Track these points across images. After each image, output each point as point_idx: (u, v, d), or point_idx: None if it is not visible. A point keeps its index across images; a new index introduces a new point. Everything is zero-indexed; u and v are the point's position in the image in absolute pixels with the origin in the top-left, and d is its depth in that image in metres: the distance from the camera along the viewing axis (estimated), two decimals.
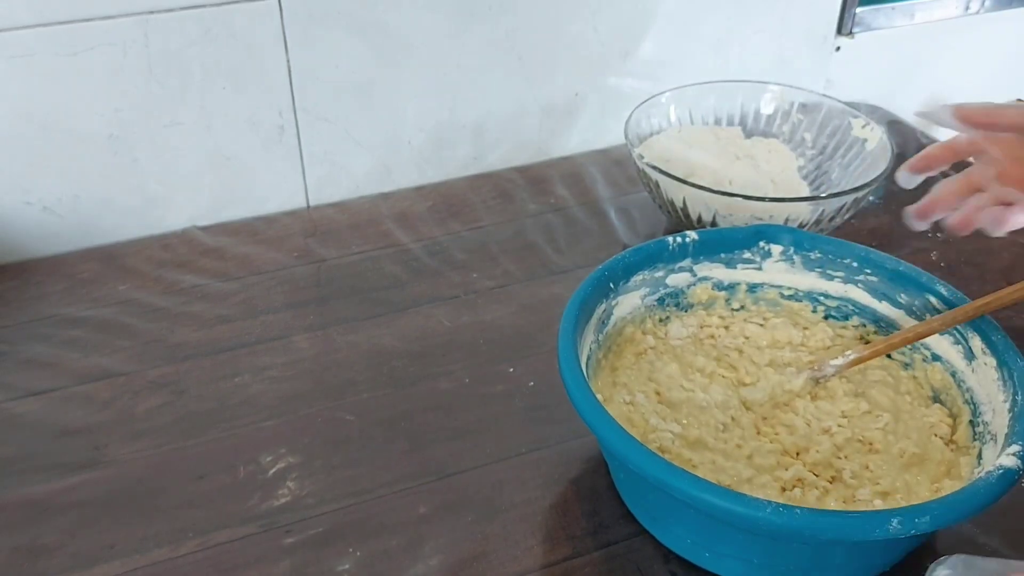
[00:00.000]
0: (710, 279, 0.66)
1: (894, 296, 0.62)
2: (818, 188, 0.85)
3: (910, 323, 0.61)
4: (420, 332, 0.73)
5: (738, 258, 0.66)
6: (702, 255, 0.65)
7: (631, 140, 0.79)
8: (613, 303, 0.62)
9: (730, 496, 0.45)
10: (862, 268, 0.63)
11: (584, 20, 0.92)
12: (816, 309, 0.66)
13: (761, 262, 0.66)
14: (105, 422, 0.64)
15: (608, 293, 0.62)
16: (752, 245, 0.65)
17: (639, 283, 0.64)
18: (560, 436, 0.63)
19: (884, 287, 0.63)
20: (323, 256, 0.82)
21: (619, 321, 0.63)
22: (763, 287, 0.66)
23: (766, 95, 0.89)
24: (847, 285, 0.64)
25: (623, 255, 0.63)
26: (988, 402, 0.55)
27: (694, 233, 0.65)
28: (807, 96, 0.88)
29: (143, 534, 0.56)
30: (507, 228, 0.86)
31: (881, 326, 0.64)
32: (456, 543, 0.56)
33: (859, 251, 0.63)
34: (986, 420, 0.54)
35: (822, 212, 0.73)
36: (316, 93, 0.84)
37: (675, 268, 0.65)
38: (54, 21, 0.73)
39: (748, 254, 0.66)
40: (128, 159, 0.81)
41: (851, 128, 0.84)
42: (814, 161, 0.87)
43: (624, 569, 0.54)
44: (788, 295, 0.66)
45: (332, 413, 0.65)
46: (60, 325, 0.73)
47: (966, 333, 0.58)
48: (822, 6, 1.04)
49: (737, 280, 0.66)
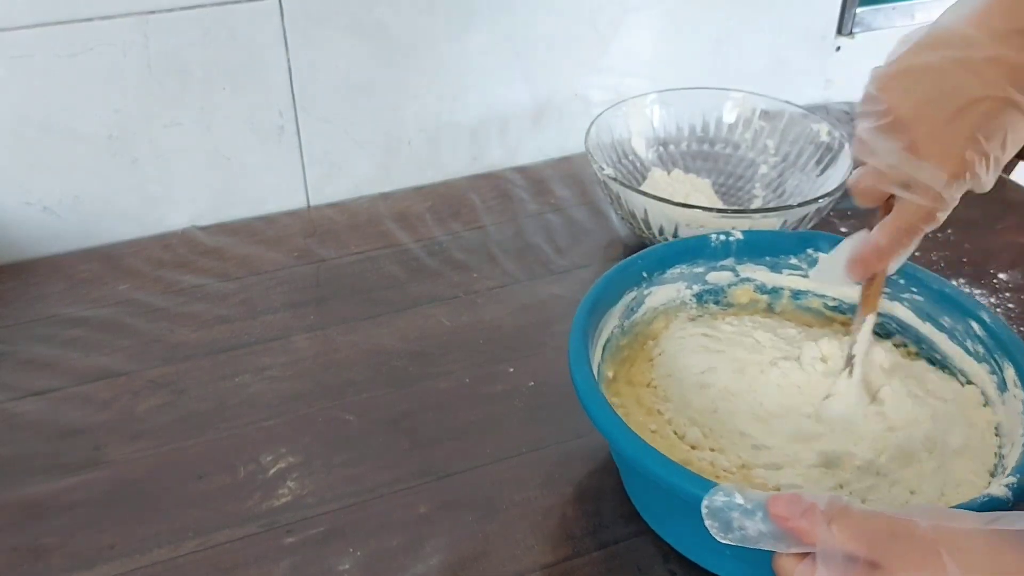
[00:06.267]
0: (753, 281, 0.66)
1: (938, 318, 0.60)
2: (781, 196, 0.85)
3: (951, 347, 0.59)
4: (420, 332, 0.73)
5: (783, 263, 0.65)
6: (746, 255, 0.65)
7: (592, 152, 0.79)
8: (646, 292, 0.62)
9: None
10: (908, 285, 0.62)
11: (584, 20, 0.92)
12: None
13: (808, 269, 0.64)
14: (105, 422, 0.64)
15: (640, 281, 0.62)
16: (799, 251, 0.64)
17: (676, 276, 0.64)
18: (560, 436, 0.63)
19: (929, 307, 0.61)
20: (323, 256, 0.82)
21: (649, 311, 0.63)
22: (807, 295, 0.65)
23: (728, 103, 0.88)
24: (893, 302, 0.62)
25: (660, 246, 0.63)
26: (1009, 434, 0.53)
27: (738, 232, 0.64)
28: (769, 103, 0.88)
29: (143, 534, 0.56)
30: (507, 228, 0.86)
31: (923, 347, 0.62)
32: (456, 543, 0.56)
33: (907, 268, 0.61)
34: (1003, 453, 0.53)
35: (785, 223, 0.74)
36: (316, 93, 0.84)
37: (716, 265, 0.65)
38: (54, 21, 0.73)
39: (794, 260, 0.65)
40: (128, 159, 0.81)
41: (816, 135, 0.84)
42: (776, 168, 0.87)
43: (624, 568, 0.54)
44: (832, 306, 0.65)
45: (332, 413, 0.65)
46: (60, 325, 0.73)
47: (1002, 363, 0.56)
48: (822, 6, 1.04)
49: (781, 285, 0.65)
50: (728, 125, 0.89)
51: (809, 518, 0.39)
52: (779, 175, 0.86)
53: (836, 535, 0.38)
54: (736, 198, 0.87)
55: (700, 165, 0.88)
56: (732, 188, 0.88)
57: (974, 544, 0.37)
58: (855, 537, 0.38)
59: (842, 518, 0.39)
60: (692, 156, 0.89)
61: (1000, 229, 0.87)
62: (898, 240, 0.54)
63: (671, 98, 0.88)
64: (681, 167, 0.88)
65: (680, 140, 0.89)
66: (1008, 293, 0.78)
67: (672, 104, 0.88)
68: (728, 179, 0.88)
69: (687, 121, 0.89)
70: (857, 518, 0.39)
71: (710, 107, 0.88)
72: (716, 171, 0.88)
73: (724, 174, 0.88)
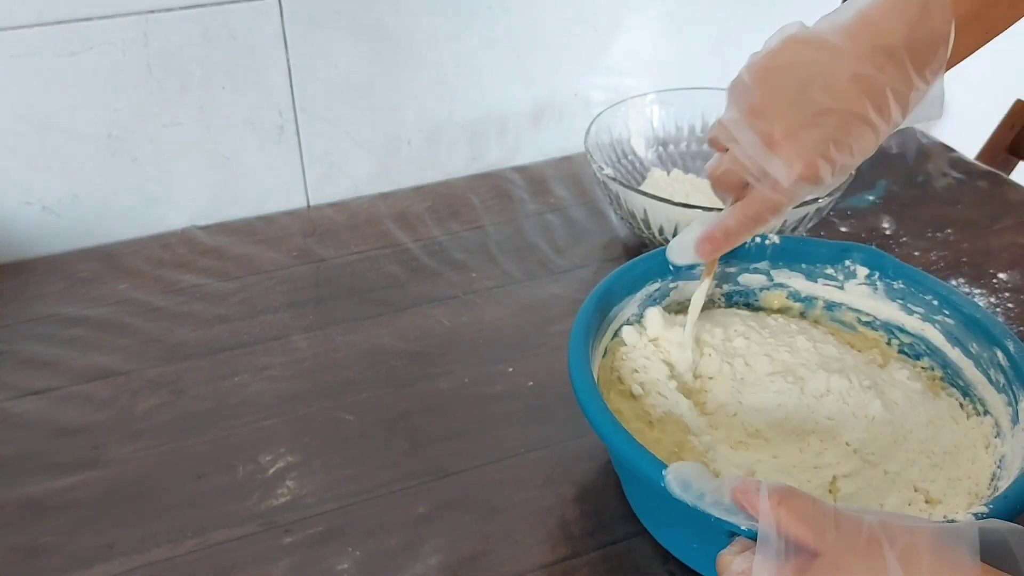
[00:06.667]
0: (787, 287, 0.65)
1: (966, 344, 0.59)
2: None
3: (976, 375, 0.59)
4: (419, 332, 0.73)
5: (820, 272, 0.64)
6: (781, 261, 0.64)
7: (591, 151, 0.79)
8: (672, 285, 0.63)
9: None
10: (941, 307, 0.60)
11: (584, 20, 0.92)
12: (890, 342, 0.64)
13: (844, 281, 0.64)
14: (104, 422, 0.64)
15: (665, 273, 0.62)
16: (837, 262, 0.64)
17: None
18: (559, 436, 0.63)
19: (959, 332, 0.60)
20: (322, 256, 0.82)
21: (672, 303, 0.64)
22: (841, 307, 0.65)
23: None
24: (925, 323, 0.62)
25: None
26: (1010, 467, 0.53)
27: (775, 236, 0.64)
28: None
29: (142, 534, 0.56)
30: (506, 228, 0.86)
31: (948, 372, 0.61)
32: (455, 543, 0.56)
33: (941, 289, 0.61)
34: (999, 484, 0.52)
35: (784, 222, 0.74)
36: (316, 93, 0.84)
37: (750, 268, 0.65)
38: (54, 21, 0.73)
39: (831, 270, 0.64)
40: (127, 159, 0.81)
41: None
42: None
43: (623, 569, 0.54)
44: (866, 321, 0.65)
45: (331, 413, 0.65)
46: (59, 325, 0.73)
47: (1019, 394, 0.55)
48: (822, 6, 1.03)
49: (816, 295, 0.65)
50: None
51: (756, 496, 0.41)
52: None
53: (783, 515, 0.40)
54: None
55: (700, 165, 0.88)
56: None
57: (917, 540, 0.37)
58: (799, 519, 0.39)
59: (789, 500, 0.40)
60: (692, 156, 0.89)
61: (999, 229, 0.87)
62: (745, 226, 0.57)
63: (671, 98, 0.88)
64: (681, 167, 0.88)
65: (680, 140, 0.89)
66: (1008, 293, 0.78)
67: (672, 104, 0.88)
68: None
69: (687, 121, 0.89)
70: (805, 503, 0.40)
71: (710, 107, 0.88)
72: None
73: None
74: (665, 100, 0.88)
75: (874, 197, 0.90)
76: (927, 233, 0.86)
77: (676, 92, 0.88)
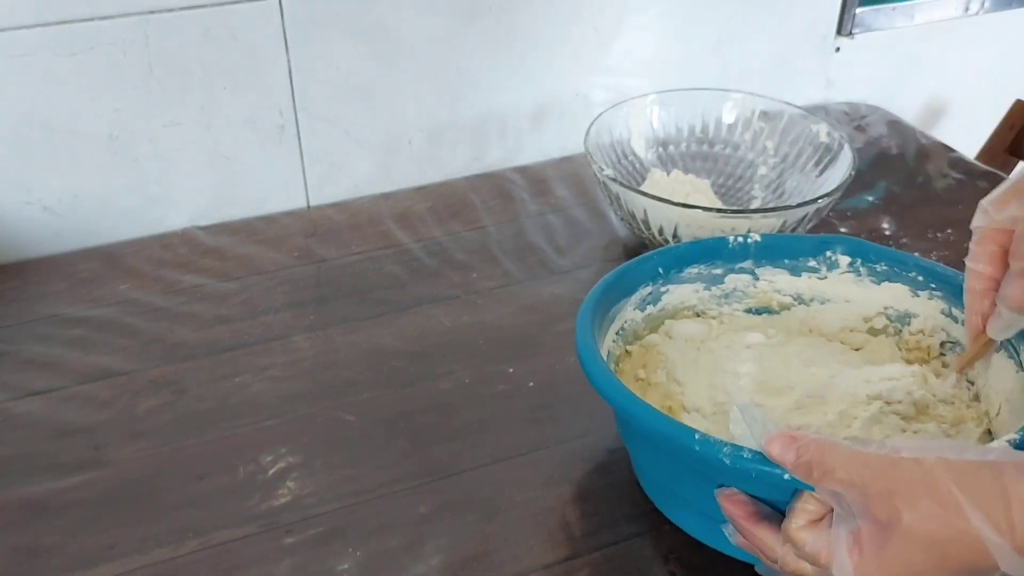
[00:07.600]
0: (773, 284, 0.66)
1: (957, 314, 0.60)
2: (780, 197, 0.85)
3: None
4: (420, 332, 0.73)
5: (803, 265, 0.65)
6: (764, 258, 0.65)
7: (591, 152, 0.79)
8: (663, 289, 0.63)
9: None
10: (928, 282, 0.62)
11: (584, 20, 0.92)
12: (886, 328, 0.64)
13: (827, 272, 0.64)
14: (105, 422, 0.64)
15: (655, 277, 0.62)
16: (818, 253, 0.64)
17: (694, 276, 0.64)
18: (560, 436, 0.63)
19: (951, 301, 0.61)
20: (323, 256, 0.82)
21: (667, 307, 0.64)
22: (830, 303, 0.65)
23: (727, 103, 0.88)
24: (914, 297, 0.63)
25: (678, 245, 0.64)
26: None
27: (756, 235, 0.64)
28: (769, 104, 0.87)
29: (143, 534, 0.56)
30: (507, 228, 0.86)
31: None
32: (456, 543, 0.56)
33: (924, 263, 0.62)
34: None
35: (784, 223, 0.74)
36: (316, 93, 0.84)
37: (735, 268, 0.65)
38: (54, 21, 0.73)
39: (813, 262, 0.65)
40: (128, 159, 0.81)
41: (816, 135, 0.84)
42: (776, 169, 0.87)
43: (623, 569, 0.54)
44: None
45: (332, 413, 0.65)
46: (60, 325, 0.73)
47: (1019, 347, 0.55)
48: (822, 6, 1.04)
49: (801, 291, 0.65)
50: (727, 126, 0.89)
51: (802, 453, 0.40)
52: (778, 176, 0.86)
53: (837, 470, 0.39)
54: (735, 199, 0.87)
55: (700, 166, 0.89)
56: (731, 189, 0.88)
57: (981, 477, 0.36)
58: (854, 473, 0.38)
59: (832, 450, 0.39)
60: (692, 157, 0.89)
61: None
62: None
63: (671, 99, 0.88)
64: (681, 167, 0.88)
65: (680, 141, 0.89)
66: None
67: (672, 105, 0.88)
68: (727, 180, 0.88)
69: (687, 122, 0.89)
70: (849, 453, 0.39)
71: (710, 108, 0.88)
72: (715, 172, 0.88)
73: (723, 175, 0.88)
74: (665, 101, 0.88)
75: (874, 198, 0.90)
76: (927, 234, 0.86)
77: (676, 93, 0.88)
